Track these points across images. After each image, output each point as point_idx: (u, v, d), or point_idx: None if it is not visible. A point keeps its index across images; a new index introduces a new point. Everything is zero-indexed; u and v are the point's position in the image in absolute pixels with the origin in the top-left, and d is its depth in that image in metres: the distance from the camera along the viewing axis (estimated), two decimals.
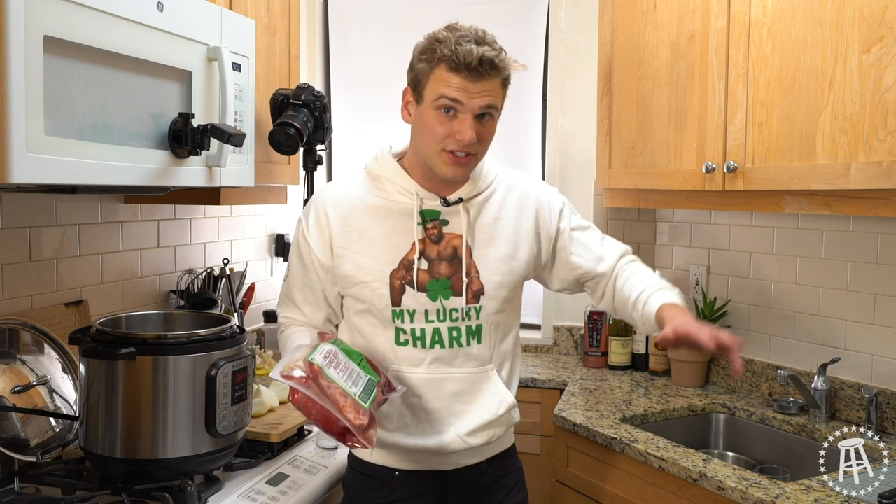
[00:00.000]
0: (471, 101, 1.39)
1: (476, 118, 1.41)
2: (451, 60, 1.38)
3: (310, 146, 2.12)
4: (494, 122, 1.46)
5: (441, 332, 1.50)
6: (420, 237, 1.49)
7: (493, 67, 1.39)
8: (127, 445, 1.47)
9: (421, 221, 1.50)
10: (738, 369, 1.37)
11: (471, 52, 1.37)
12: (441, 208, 1.51)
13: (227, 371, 1.52)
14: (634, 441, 1.91)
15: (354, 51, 3.11)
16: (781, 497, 1.56)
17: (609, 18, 2.50)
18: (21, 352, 1.66)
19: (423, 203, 1.50)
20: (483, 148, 1.46)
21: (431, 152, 1.45)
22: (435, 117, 1.42)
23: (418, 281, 1.48)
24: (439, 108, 1.41)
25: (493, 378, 1.54)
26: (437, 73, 1.40)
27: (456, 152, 1.42)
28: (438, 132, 1.42)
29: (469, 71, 1.38)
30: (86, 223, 1.94)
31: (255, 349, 2.51)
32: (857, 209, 1.78)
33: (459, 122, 1.40)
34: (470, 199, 1.53)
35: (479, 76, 1.38)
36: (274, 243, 2.86)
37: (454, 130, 1.41)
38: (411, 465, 1.53)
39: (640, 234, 2.79)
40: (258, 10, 2.03)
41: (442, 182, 1.50)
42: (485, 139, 1.45)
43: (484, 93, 1.40)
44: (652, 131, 2.32)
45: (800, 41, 1.85)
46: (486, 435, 1.53)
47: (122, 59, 1.38)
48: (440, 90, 1.40)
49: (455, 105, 1.40)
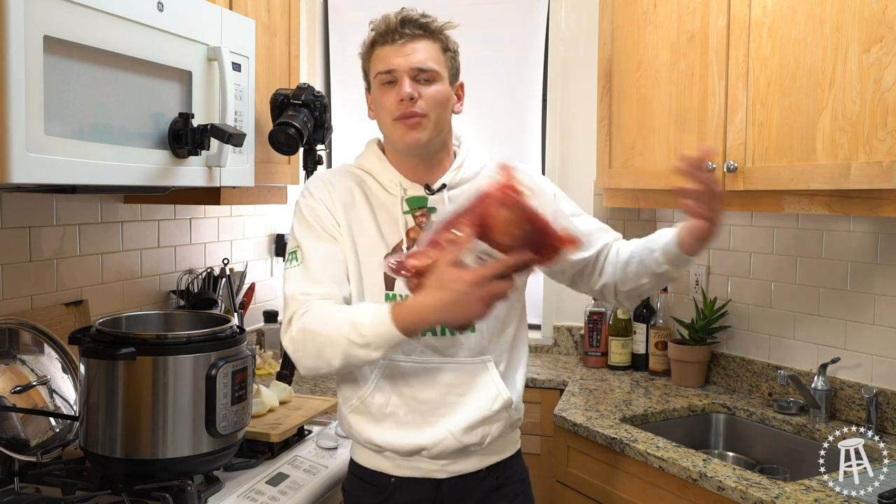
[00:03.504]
0: (402, 63, 1.43)
1: (413, 80, 1.43)
2: (378, 35, 1.46)
3: (310, 146, 2.12)
4: (440, 86, 1.46)
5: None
6: (410, 226, 1.49)
7: (418, 26, 1.44)
8: (127, 445, 1.47)
9: (408, 210, 1.50)
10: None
11: (389, 18, 1.44)
12: (427, 195, 1.51)
13: (227, 371, 1.52)
14: (634, 441, 1.91)
15: (354, 51, 3.09)
16: (781, 497, 1.56)
17: (609, 18, 2.50)
18: (21, 352, 1.66)
19: (406, 192, 1.51)
20: (432, 109, 1.45)
21: (388, 128, 1.48)
22: (379, 93, 1.47)
23: None
24: (382, 85, 1.46)
25: (490, 370, 1.49)
26: (375, 55, 1.48)
27: (404, 116, 1.44)
28: (385, 103, 1.45)
29: (392, 35, 1.43)
30: (86, 223, 1.94)
31: (255, 349, 2.52)
32: (857, 209, 1.78)
33: (399, 86, 1.44)
34: (455, 186, 1.52)
35: (404, 39, 1.43)
36: (274, 243, 2.86)
37: (395, 96, 1.44)
38: (407, 472, 1.49)
39: (640, 234, 2.77)
40: (258, 10, 2.03)
41: (421, 168, 1.51)
42: (431, 99, 1.44)
43: (415, 53, 1.43)
44: (652, 131, 2.32)
45: (800, 41, 1.85)
46: (479, 433, 1.48)
47: (122, 59, 1.38)
48: (377, 67, 1.46)
49: (392, 75, 1.44)
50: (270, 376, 2.31)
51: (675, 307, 2.65)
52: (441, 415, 1.47)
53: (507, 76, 2.98)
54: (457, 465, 1.50)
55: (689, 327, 2.48)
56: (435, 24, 1.47)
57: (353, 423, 1.51)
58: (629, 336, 2.68)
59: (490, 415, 1.49)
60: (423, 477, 1.50)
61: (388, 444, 1.48)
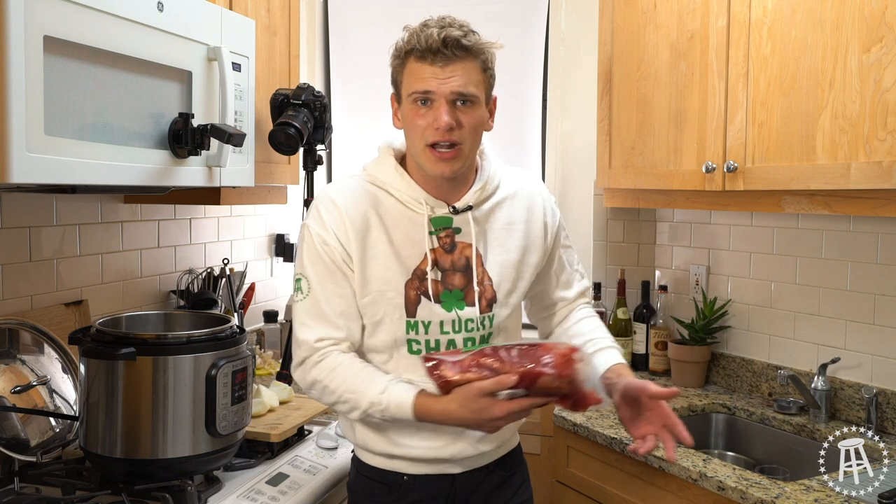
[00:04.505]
0: (441, 86, 1.35)
1: (452, 105, 1.36)
2: (416, 50, 1.36)
3: (310, 146, 2.12)
4: (478, 111, 1.40)
5: (456, 343, 1.45)
6: (432, 247, 1.45)
7: (461, 48, 1.35)
8: (127, 445, 1.47)
9: (433, 231, 1.46)
10: (676, 445, 1.41)
11: (432, 36, 1.34)
12: (451, 216, 1.47)
13: (227, 371, 1.52)
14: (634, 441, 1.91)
15: (354, 50, 3.11)
16: (781, 497, 1.56)
17: (609, 18, 2.50)
18: (21, 352, 1.66)
19: (433, 211, 1.45)
20: (468, 137, 1.39)
21: (417, 150, 1.41)
22: (412, 111, 1.39)
23: (433, 292, 1.44)
24: (415, 102, 1.38)
25: None
26: (409, 68, 1.39)
27: (438, 146, 1.37)
28: (418, 125, 1.38)
29: (435, 55, 1.35)
30: (86, 223, 1.94)
31: (255, 349, 2.51)
32: (857, 209, 1.78)
33: (435, 110, 1.36)
34: (479, 205, 1.48)
35: (446, 60, 1.35)
36: (274, 243, 2.86)
37: (431, 121, 1.37)
38: (421, 470, 1.48)
39: (640, 234, 2.79)
40: (258, 10, 2.03)
41: (446, 187, 1.46)
42: (467, 127, 1.38)
43: (455, 77, 1.35)
44: (652, 131, 2.32)
45: (800, 41, 1.85)
46: (497, 439, 1.50)
47: (122, 59, 1.38)
48: (412, 85, 1.38)
49: (428, 95, 1.36)
50: (270, 376, 2.31)
51: (675, 307, 2.65)
52: (460, 431, 1.45)
53: (506, 76, 2.97)
54: (470, 461, 1.50)
55: (689, 327, 2.48)
56: (478, 45, 1.38)
57: (368, 434, 1.48)
58: (629, 336, 2.68)
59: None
60: (439, 473, 1.49)
61: (403, 453, 1.47)
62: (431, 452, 1.46)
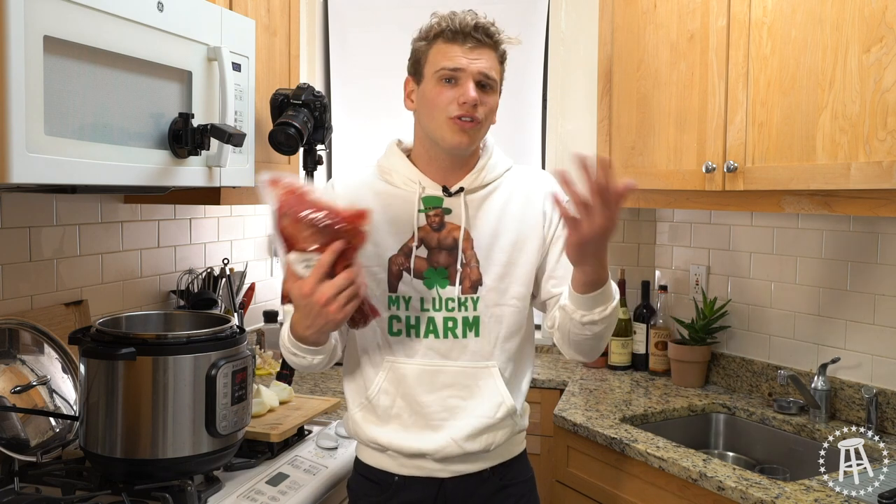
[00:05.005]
0: (470, 65, 1.42)
1: (477, 85, 1.43)
2: (448, 31, 1.43)
3: (310, 146, 2.12)
4: (495, 97, 1.47)
5: (436, 321, 1.47)
6: (421, 224, 1.49)
7: (489, 35, 1.44)
8: (127, 445, 1.47)
9: (423, 209, 1.50)
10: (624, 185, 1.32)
11: (465, 20, 1.43)
12: (443, 196, 1.50)
13: (227, 371, 1.52)
14: (634, 441, 1.91)
15: (354, 50, 3.11)
16: (781, 497, 1.56)
17: (609, 18, 2.50)
18: (21, 352, 1.66)
19: (424, 190, 1.50)
20: (487, 119, 1.46)
21: (438, 124, 1.45)
22: (437, 89, 1.44)
23: (415, 268, 1.48)
24: (441, 80, 1.44)
25: (494, 376, 1.48)
26: (436, 48, 1.45)
27: (462, 117, 1.43)
28: (442, 100, 1.43)
29: (465, 38, 1.42)
30: (86, 223, 1.94)
31: (255, 349, 2.52)
32: (857, 209, 1.78)
33: (461, 87, 1.43)
34: (474, 190, 1.52)
35: (476, 43, 1.43)
36: (274, 243, 2.86)
37: (457, 95, 1.43)
38: (410, 471, 1.50)
39: (640, 234, 2.79)
40: (258, 10, 2.03)
41: (447, 170, 1.50)
42: (489, 109, 1.46)
43: (482, 59, 1.43)
44: (652, 131, 2.32)
45: (800, 41, 1.85)
46: (483, 440, 1.48)
47: (122, 59, 1.38)
48: (440, 63, 1.43)
49: (455, 73, 1.43)
50: (270, 376, 2.31)
51: (675, 307, 2.65)
52: (443, 419, 1.47)
53: (507, 75, 2.97)
54: (460, 466, 1.50)
55: (689, 327, 2.48)
56: (501, 36, 1.47)
57: (360, 421, 1.52)
58: (629, 336, 2.68)
59: (493, 423, 1.48)
60: (426, 476, 1.50)
61: (392, 445, 1.49)
62: (416, 444, 1.47)
